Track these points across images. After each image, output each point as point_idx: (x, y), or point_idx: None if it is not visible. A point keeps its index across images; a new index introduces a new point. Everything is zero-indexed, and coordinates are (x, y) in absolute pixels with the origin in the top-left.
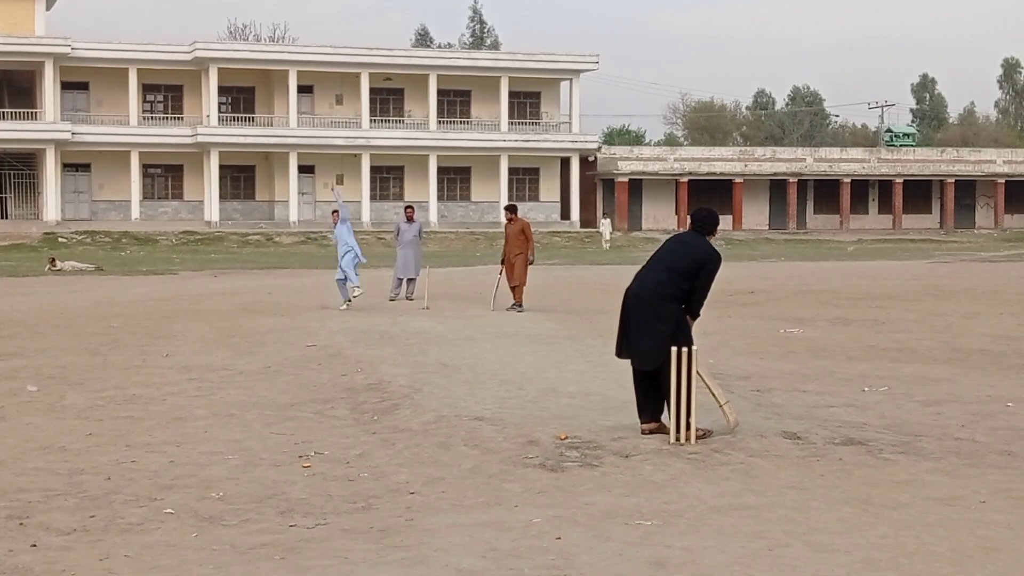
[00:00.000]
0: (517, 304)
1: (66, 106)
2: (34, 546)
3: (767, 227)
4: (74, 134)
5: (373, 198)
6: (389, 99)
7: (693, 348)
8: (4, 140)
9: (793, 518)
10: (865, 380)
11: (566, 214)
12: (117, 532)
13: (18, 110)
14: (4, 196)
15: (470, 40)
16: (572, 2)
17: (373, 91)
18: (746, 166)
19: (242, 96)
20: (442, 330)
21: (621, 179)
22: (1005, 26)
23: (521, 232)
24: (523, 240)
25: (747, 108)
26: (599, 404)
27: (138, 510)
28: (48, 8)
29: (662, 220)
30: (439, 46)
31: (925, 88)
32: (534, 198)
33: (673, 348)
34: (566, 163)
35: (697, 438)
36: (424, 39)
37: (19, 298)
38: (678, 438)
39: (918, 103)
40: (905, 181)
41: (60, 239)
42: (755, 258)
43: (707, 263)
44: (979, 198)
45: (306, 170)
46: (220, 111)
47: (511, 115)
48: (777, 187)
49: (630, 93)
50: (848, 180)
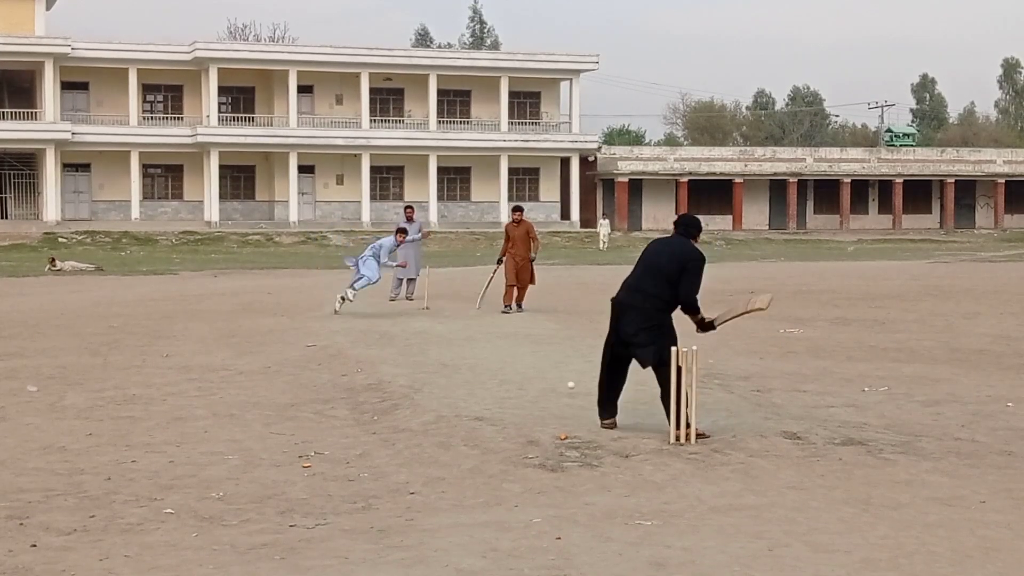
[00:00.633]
0: (518, 304)
1: (66, 106)
2: (34, 546)
3: (767, 227)
4: (74, 134)
5: (373, 198)
6: (389, 99)
7: (694, 348)
8: (4, 140)
9: (793, 518)
10: (865, 380)
11: (566, 214)
12: (117, 532)
13: (18, 110)
14: (4, 196)
15: (470, 40)
16: (572, 2)
17: (373, 91)
18: (746, 166)
19: (242, 96)
20: (442, 330)
21: (621, 179)
22: (1005, 26)
23: (527, 234)
24: (528, 242)
25: (747, 108)
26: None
27: (138, 510)
28: (48, 8)
29: (662, 220)
30: (439, 46)
31: (925, 88)
32: (534, 198)
33: (673, 349)
34: (566, 163)
35: (697, 437)
36: (424, 39)
37: (19, 298)
38: (678, 438)
39: (918, 103)
40: (905, 181)
41: (60, 239)
42: (755, 258)
43: (688, 262)
44: (979, 198)
45: (306, 170)
46: (220, 111)
47: (511, 115)
48: (777, 187)
49: (630, 93)
50: (848, 180)
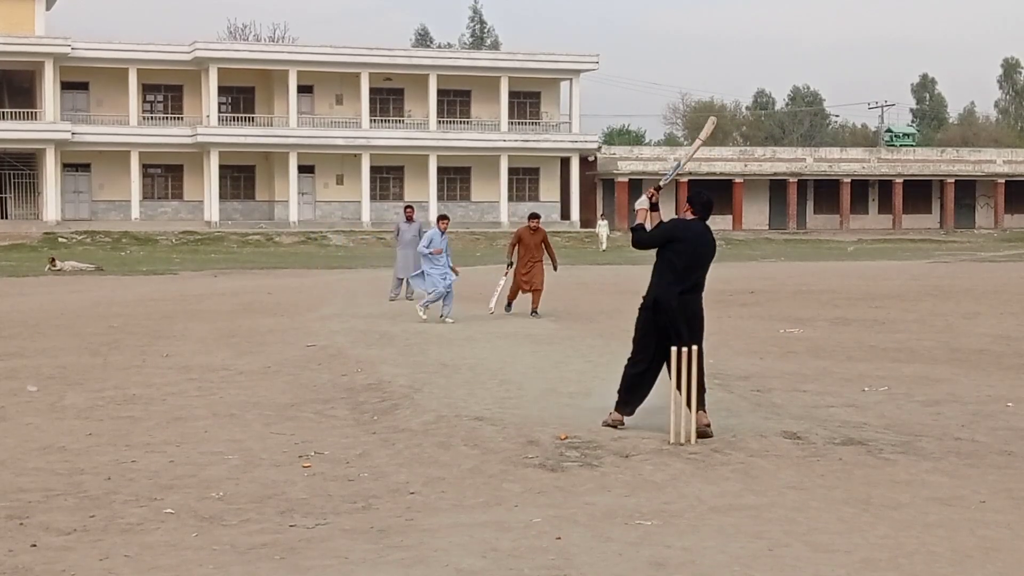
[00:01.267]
0: (533, 310)
1: (66, 106)
2: (34, 546)
3: (767, 227)
4: (74, 134)
5: (373, 198)
6: (389, 99)
7: (694, 348)
8: (4, 140)
9: (793, 518)
10: (865, 380)
11: (566, 214)
12: (117, 532)
13: (18, 110)
14: (4, 196)
15: (470, 40)
16: (572, 2)
17: (373, 91)
18: (746, 166)
19: (242, 96)
20: (442, 330)
21: (621, 179)
22: (1005, 26)
23: (542, 242)
24: (542, 250)
25: (747, 108)
26: (599, 404)
27: (138, 510)
28: (48, 8)
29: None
30: (439, 46)
31: (925, 88)
32: (534, 198)
33: (673, 349)
34: (566, 163)
35: (699, 437)
36: (424, 39)
37: (19, 298)
38: (678, 438)
39: (918, 103)
40: (905, 181)
41: (60, 239)
42: (755, 258)
43: (715, 249)
44: (979, 198)
45: (306, 170)
46: (220, 111)
47: (511, 115)
48: (777, 187)
49: (630, 93)
50: (848, 180)
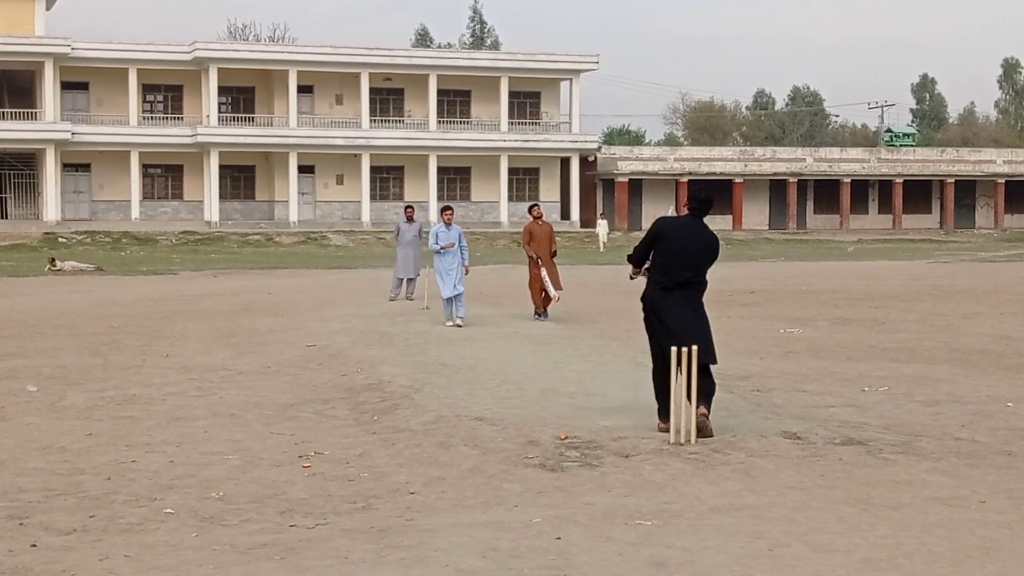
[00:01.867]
0: (544, 310)
1: (66, 106)
2: (34, 546)
3: (767, 227)
4: (74, 134)
5: (373, 198)
6: (389, 99)
7: (694, 347)
8: (4, 140)
9: (793, 518)
10: (865, 380)
11: (566, 214)
12: (117, 532)
13: (18, 110)
14: (4, 196)
15: (470, 40)
16: (572, 2)
17: (373, 91)
18: (746, 166)
19: (242, 96)
20: (442, 330)
21: (621, 179)
22: (1005, 26)
23: (550, 234)
24: (551, 243)
25: (747, 108)
26: (599, 404)
27: (138, 510)
28: (48, 8)
29: None
30: (439, 46)
31: (925, 88)
32: (534, 198)
33: (673, 349)
34: (566, 163)
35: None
36: (424, 39)
37: (19, 298)
38: (678, 439)
39: (918, 103)
40: (905, 181)
41: (60, 239)
42: (755, 258)
43: (716, 251)
44: (979, 198)
45: (306, 170)
46: (220, 111)
47: (511, 115)
48: (777, 187)
49: (630, 93)
50: (848, 180)
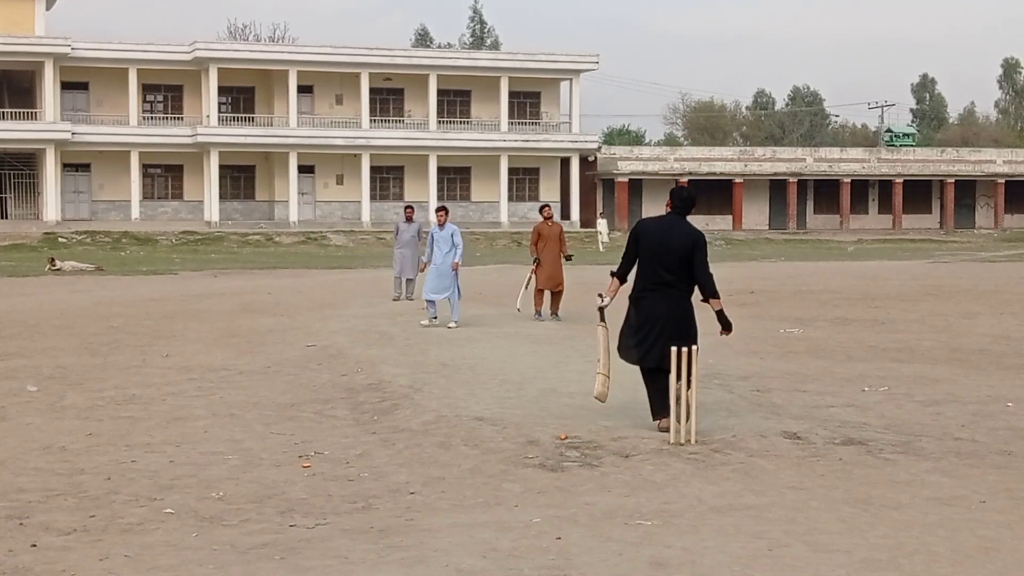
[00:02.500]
0: (554, 312)
1: (66, 106)
2: (34, 546)
3: (767, 227)
4: (74, 134)
5: (373, 198)
6: (389, 99)
7: (694, 348)
8: (4, 140)
9: (793, 518)
10: (865, 380)
11: (566, 214)
12: (117, 532)
13: (18, 110)
14: (4, 196)
15: (470, 40)
16: (572, 2)
17: (373, 91)
18: (746, 166)
19: (242, 96)
20: (442, 330)
21: (621, 179)
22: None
23: (560, 235)
24: (560, 244)
25: (747, 108)
26: (599, 404)
27: (138, 510)
28: (48, 8)
29: None
30: (439, 46)
31: (925, 88)
32: (534, 198)
33: (673, 349)
34: (566, 163)
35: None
36: (424, 39)
37: (19, 298)
38: (678, 438)
39: (918, 103)
40: (905, 181)
41: (60, 239)
42: (755, 258)
43: (700, 244)
44: (979, 198)
45: (306, 170)
46: (220, 111)
47: (511, 115)
48: (777, 187)
49: (630, 93)
50: (848, 180)
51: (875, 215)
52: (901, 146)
